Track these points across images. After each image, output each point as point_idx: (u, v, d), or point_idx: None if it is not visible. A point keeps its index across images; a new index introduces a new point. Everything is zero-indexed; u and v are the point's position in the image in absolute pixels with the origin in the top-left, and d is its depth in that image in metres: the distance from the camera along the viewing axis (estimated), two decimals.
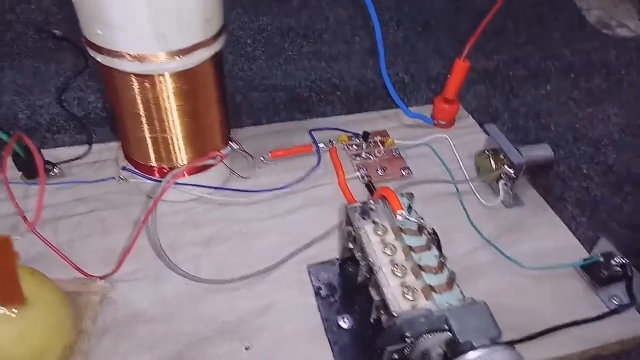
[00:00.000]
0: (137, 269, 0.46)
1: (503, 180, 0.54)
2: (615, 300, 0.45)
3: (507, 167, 0.53)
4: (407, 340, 0.34)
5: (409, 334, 0.34)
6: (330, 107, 0.71)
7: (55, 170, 0.54)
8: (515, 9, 0.94)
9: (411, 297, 0.35)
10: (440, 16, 0.94)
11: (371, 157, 0.59)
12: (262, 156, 0.58)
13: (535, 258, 0.48)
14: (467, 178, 0.57)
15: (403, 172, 0.58)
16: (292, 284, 0.46)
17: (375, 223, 0.40)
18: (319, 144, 0.60)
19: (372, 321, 0.41)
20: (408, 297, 0.35)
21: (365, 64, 0.79)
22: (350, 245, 0.43)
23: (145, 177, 0.51)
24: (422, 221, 0.40)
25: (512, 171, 0.52)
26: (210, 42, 0.44)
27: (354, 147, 0.61)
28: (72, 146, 0.60)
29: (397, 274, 0.37)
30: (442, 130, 0.64)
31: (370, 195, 0.54)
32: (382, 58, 0.58)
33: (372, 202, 0.42)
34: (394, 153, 0.61)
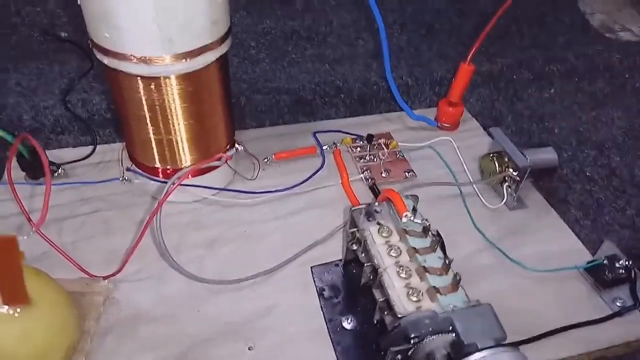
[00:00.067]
0: (141, 270, 0.46)
1: (507, 183, 0.54)
2: (619, 303, 0.45)
3: (511, 170, 0.53)
4: (412, 341, 0.34)
5: (414, 335, 0.34)
6: (334, 109, 0.71)
7: (59, 171, 0.55)
8: (519, 12, 0.95)
9: (416, 299, 0.35)
10: (443, 19, 0.94)
11: (375, 160, 0.60)
12: (266, 158, 0.58)
13: (539, 260, 0.48)
14: (471, 180, 0.57)
15: (407, 174, 0.58)
16: (296, 285, 0.46)
17: (380, 225, 0.40)
18: (323, 146, 0.60)
19: (375, 322, 0.40)
20: (413, 298, 0.35)
21: (368, 66, 0.79)
22: (354, 247, 0.43)
23: (150, 178, 0.51)
24: (426, 223, 0.40)
25: (517, 174, 0.52)
26: (216, 44, 0.44)
27: (357, 149, 0.61)
28: (76, 147, 0.60)
29: (402, 275, 0.37)
30: (446, 133, 0.64)
31: (374, 198, 0.55)
32: (386, 60, 0.58)
33: (376, 204, 0.42)
34: (398, 155, 0.61)
